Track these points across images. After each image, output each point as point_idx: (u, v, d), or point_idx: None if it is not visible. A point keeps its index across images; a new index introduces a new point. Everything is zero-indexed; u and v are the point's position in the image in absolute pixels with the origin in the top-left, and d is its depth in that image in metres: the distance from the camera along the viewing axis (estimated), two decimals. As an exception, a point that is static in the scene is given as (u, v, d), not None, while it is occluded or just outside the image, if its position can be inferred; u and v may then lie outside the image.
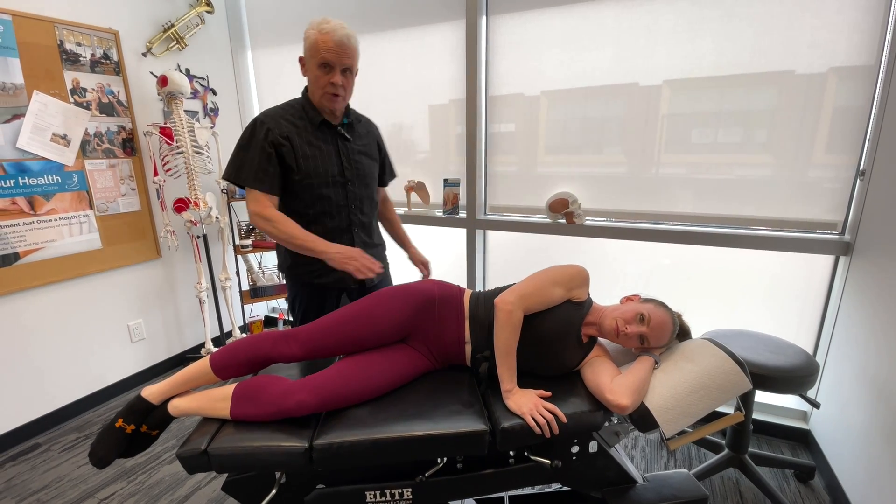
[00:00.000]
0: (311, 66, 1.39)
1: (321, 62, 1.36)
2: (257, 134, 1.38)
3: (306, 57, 1.40)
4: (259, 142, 1.37)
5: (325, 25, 1.34)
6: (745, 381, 1.15)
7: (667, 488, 1.26)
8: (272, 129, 1.38)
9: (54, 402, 2.21)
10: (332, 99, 1.41)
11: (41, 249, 2.07)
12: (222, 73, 2.83)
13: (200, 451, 1.06)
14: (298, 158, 1.41)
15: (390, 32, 2.42)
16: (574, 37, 2.04)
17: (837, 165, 1.74)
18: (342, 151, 1.49)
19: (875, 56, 1.61)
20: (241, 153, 1.39)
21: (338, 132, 1.49)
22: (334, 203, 1.48)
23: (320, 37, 1.34)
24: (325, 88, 1.39)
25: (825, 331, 1.89)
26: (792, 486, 1.75)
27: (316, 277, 1.50)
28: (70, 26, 2.10)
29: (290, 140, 1.40)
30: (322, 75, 1.37)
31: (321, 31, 1.34)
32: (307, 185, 1.43)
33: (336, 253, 1.35)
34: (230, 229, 2.76)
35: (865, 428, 1.52)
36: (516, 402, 1.14)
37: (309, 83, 1.44)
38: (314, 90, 1.43)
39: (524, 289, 1.19)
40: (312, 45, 1.35)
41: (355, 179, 1.52)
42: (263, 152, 1.37)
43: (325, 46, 1.34)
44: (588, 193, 2.18)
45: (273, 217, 1.38)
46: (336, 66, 1.37)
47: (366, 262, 1.34)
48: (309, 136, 1.43)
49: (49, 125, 2.06)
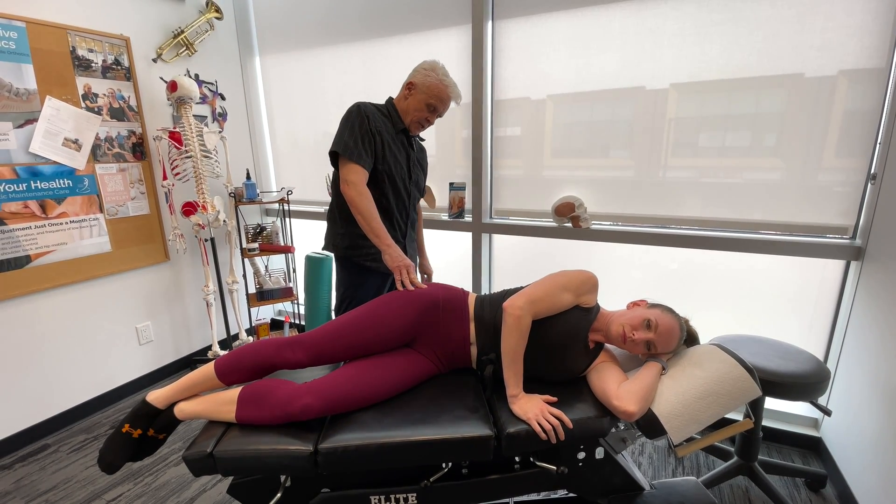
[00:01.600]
0: (419, 98, 1.60)
1: (431, 105, 1.60)
2: (361, 117, 1.54)
3: (419, 88, 1.60)
4: (364, 125, 1.54)
5: (447, 80, 1.59)
6: (754, 387, 1.13)
7: (675, 496, 1.24)
8: (371, 119, 1.55)
9: (63, 403, 2.23)
10: (418, 128, 1.67)
11: (52, 252, 2.10)
12: (231, 79, 2.86)
13: (206, 453, 1.07)
14: (385, 152, 1.58)
15: (397, 37, 2.44)
16: (580, 40, 2.04)
17: (848, 169, 1.72)
18: (411, 158, 1.70)
19: (885, 58, 1.59)
20: (349, 130, 1.53)
21: (410, 142, 1.71)
22: (399, 199, 1.68)
23: (441, 87, 1.58)
24: (420, 121, 1.63)
25: (836, 337, 1.86)
26: (803, 495, 1.72)
27: (370, 261, 1.66)
28: (82, 33, 2.13)
29: (381, 135, 1.57)
30: (424, 110, 1.61)
31: (443, 82, 1.58)
32: (383, 178, 1.61)
33: (396, 254, 1.46)
34: (237, 233, 2.78)
35: (878, 436, 1.49)
36: (522, 407, 1.13)
37: (407, 105, 1.63)
38: (409, 113, 1.63)
39: (533, 294, 1.18)
40: (430, 88, 1.58)
41: (415, 185, 1.75)
42: (367, 134, 1.54)
43: (440, 96, 1.59)
44: (594, 197, 2.17)
45: (365, 192, 1.51)
46: (438, 113, 1.64)
47: (413, 278, 1.41)
48: (392, 137, 1.62)
49: (61, 130, 2.09)
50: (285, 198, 2.76)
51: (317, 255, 2.78)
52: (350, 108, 1.57)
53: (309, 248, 3.13)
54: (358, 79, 2.61)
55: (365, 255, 1.65)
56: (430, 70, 1.59)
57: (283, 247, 2.82)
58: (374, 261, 1.64)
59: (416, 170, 1.73)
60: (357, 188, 1.49)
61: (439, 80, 1.57)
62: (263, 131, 3.04)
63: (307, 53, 2.73)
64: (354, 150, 1.51)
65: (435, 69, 1.59)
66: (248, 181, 2.66)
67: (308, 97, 2.81)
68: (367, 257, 1.65)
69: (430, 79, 1.57)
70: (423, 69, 1.60)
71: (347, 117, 1.55)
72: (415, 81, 1.60)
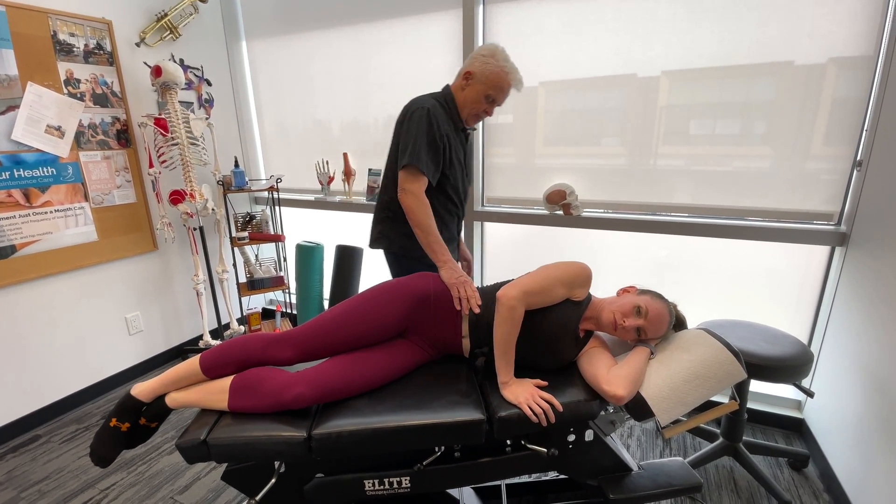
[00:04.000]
0: (477, 88, 1.48)
1: (490, 96, 1.48)
2: (432, 125, 1.44)
3: (477, 78, 1.47)
4: (433, 131, 1.44)
5: (507, 65, 1.45)
6: (740, 370, 1.16)
7: (662, 476, 1.28)
8: (441, 126, 1.46)
9: (54, 393, 2.21)
10: (475, 120, 1.56)
11: (37, 242, 2.07)
12: (217, 64, 2.81)
13: (199, 441, 1.07)
14: (450, 158, 1.52)
15: (387, 21, 2.40)
16: (572, 27, 2.02)
17: (835, 156, 1.74)
18: (467, 156, 1.64)
19: (874, 46, 1.60)
20: (420, 140, 1.44)
21: (466, 137, 1.62)
22: (459, 199, 1.64)
23: (502, 74, 1.45)
24: (478, 113, 1.52)
25: (820, 321, 1.90)
26: (786, 474, 1.77)
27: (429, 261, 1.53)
28: (63, 16, 2.07)
29: (448, 141, 1.49)
30: (483, 102, 1.49)
31: (504, 69, 1.45)
32: (448, 183, 1.55)
33: (452, 270, 1.35)
34: (226, 221, 2.75)
35: (859, 416, 1.53)
36: (513, 391, 1.14)
37: (465, 97, 1.51)
38: (466, 105, 1.51)
39: (528, 285, 1.18)
40: (490, 77, 1.45)
41: (469, 183, 1.70)
42: (435, 143, 1.45)
43: (500, 86, 1.46)
44: (586, 185, 2.18)
45: (425, 204, 1.43)
46: (497, 104, 1.52)
47: (470, 294, 1.29)
48: (455, 140, 1.54)
49: (43, 117, 2.04)
50: (275, 186, 2.73)
51: (308, 244, 2.77)
52: (418, 111, 1.44)
53: (299, 237, 3.11)
54: (347, 64, 2.57)
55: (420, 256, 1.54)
56: (490, 56, 1.45)
57: (273, 235, 2.80)
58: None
59: (469, 164, 1.67)
60: (418, 199, 1.42)
61: (500, 67, 1.44)
62: (251, 118, 3.00)
63: (295, 38, 2.68)
64: (421, 158, 1.42)
65: (495, 54, 1.45)
66: (236, 169, 2.62)
67: (297, 83, 2.76)
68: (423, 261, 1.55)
69: (489, 66, 1.44)
70: (481, 55, 1.46)
71: (417, 121, 1.43)
72: (473, 70, 1.47)
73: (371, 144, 2.65)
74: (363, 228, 2.88)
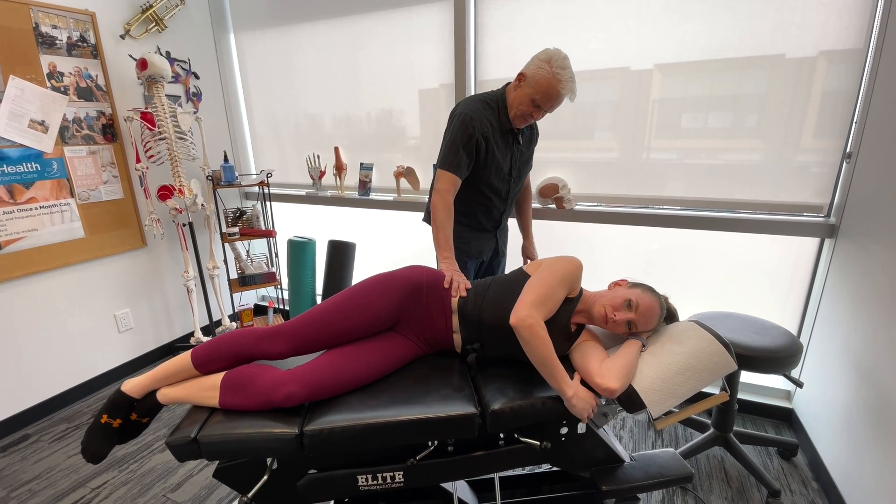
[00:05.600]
0: (525, 91, 1.50)
1: (535, 101, 1.49)
2: (467, 131, 1.50)
3: (527, 81, 1.49)
4: (465, 135, 1.51)
5: (562, 73, 1.44)
6: (730, 362, 1.17)
7: (653, 467, 1.29)
8: (478, 129, 1.52)
9: (43, 392, 2.18)
10: (522, 121, 1.57)
11: (23, 239, 2.03)
12: (204, 57, 2.76)
13: (190, 439, 1.06)
14: (488, 156, 1.57)
15: (377, 13, 2.37)
16: (564, 19, 2.01)
17: (825, 149, 1.75)
18: (515, 156, 1.66)
19: (864, 39, 1.61)
20: (453, 145, 1.52)
21: (517, 137, 1.65)
22: (499, 196, 1.69)
23: (553, 82, 1.44)
24: (524, 115, 1.54)
25: (809, 312, 1.92)
26: (775, 463, 1.80)
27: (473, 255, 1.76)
28: (45, 8, 2.02)
29: (487, 140, 1.55)
30: (529, 105, 1.51)
31: (556, 76, 1.44)
32: (483, 181, 1.62)
33: (450, 264, 1.46)
34: (216, 217, 2.72)
35: (847, 406, 1.56)
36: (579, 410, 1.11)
37: (515, 97, 1.54)
38: (514, 106, 1.54)
39: (536, 298, 1.14)
40: (539, 82, 1.46)
41: (517, 181, 1.72)
42: (468, 147, 1.52)
43: (548, 93, 1.46)
44: (578, 178, 2.18)
45: (449, 202, 1.53)
46: (543, 110, 1.52)
47: (461, 282, 1.34)
48: (498, 139, 1.58)
49: (26, 111, 1.99)
50: (265, 181, 2.70)
51: (300, 240, 2.75)
52: (457, 117, 1.53)
53: (291, 232, 3.09)
54: (338, 56, 2.54)
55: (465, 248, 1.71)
56: (545, 61, 1.44)
57: (264, 231, 2.78)
58: (470, 256, 1.74)
59: (521, 162, 1.70)
60: (444, 198, 1.52)
61: (552, 74, 1.43)
62: (240, 112, 2.96)
63: (284, 30, 2.64)
64: (452, 160, 1.52)
65: (550, 60, 1.44)
66: (225, 163, 2.59)
67: (286, 76, 2.73)
68: (470, 252, 1.73)
69: (541, 71, 1.44)
70: (538, 59, 1.46)
71: (453, 127, 1.54)
72: (526, 73, 1.49)
73: (362, 138, 2.63)
74: (355, 223, 2.87)
